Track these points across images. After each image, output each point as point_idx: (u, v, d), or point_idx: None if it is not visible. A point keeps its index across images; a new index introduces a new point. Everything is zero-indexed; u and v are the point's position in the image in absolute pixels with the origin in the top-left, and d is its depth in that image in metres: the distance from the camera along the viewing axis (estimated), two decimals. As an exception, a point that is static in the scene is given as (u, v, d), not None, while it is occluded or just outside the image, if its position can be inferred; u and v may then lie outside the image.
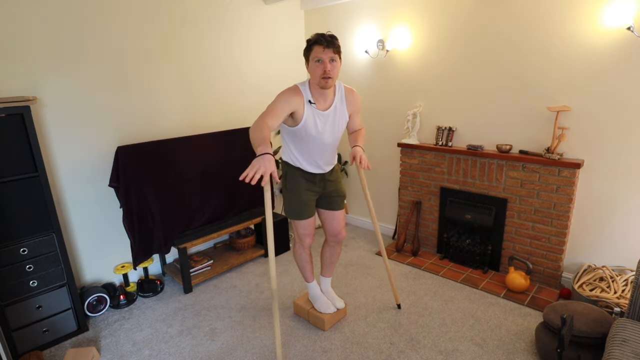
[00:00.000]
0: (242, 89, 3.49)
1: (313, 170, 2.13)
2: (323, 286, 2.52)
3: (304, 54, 1.95)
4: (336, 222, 2.31)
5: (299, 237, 2.28)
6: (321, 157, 2.11)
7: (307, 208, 2.18)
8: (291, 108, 1.90)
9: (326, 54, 1.85)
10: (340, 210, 2.31)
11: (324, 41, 1.85)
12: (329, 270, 2.49)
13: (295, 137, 2.04)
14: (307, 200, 2.17)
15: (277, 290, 1.91)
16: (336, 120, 2.06)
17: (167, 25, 2.89)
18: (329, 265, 2.47)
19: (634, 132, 2.34)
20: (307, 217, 2.20)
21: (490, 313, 2.52)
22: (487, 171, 2.91)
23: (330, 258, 2.44)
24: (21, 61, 2.28)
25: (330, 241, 2.38)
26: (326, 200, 2.26)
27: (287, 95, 1.91)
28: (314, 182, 2.16)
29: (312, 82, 1.96)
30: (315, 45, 1.87)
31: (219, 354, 2.23)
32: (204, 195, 3.05)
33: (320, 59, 1.86)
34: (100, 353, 2.28)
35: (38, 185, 2.16)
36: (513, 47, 2.68)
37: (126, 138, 2.78)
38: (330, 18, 3.72)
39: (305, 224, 2.21)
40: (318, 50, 1.86)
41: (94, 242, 2.76)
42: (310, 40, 1.90)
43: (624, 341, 1.60)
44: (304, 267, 2.41)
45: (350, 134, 2.27)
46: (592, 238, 2.63)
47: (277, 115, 1.84)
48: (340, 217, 2.31)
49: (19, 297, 2.19)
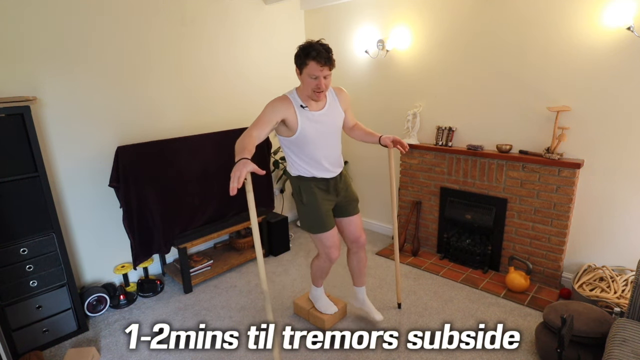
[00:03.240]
0: (242, 89, 3.49)
1: (324, 175, 2.07)
2: (359, 296, 2.44)
3: (296, 61, 1.86)
4: (354, 227, 2.25)
5: (326, 251, 2.17)
6: (327, 159, 2.06)
7: (329, 218, 2.11)
8: (279, 116, 1.86)
9: (323, 72, 1.80)
10: (357, 215, 2.26)
11: (322, 59, 1.77)
12: (360, 279, 2.40)
13: (297, 147, 2.00)
14: (327, 210, 2.10)
15: (268, 291, 1.83)
16: (332, 117, 2.04)
17: (167, 25, 2.89)
18: (359, 274, 2.38)
19: (634, 132, 2.34)
20: (330, 227, 2.12)
21: (490, 313, 2.52)
22: (487, 171, 2.91)
23: (358, 266, 2.35)
24: (21, 61, 2.28)
25: (353, 248, 2.31)
26: (341, 207, 2.20)
27: (273, 104, 1.88)
28: (328, 190, 2.10)
29: (301, 90, 1.93)
30: (311, 61, 1.78)
31: (219, 354, 2.23)
32: (204, 195, 3.05)
33: (317, 76, 1.82)
34: (100, 353, 2.28)
35: (38, 185, 2.16)
36: (513, 47, 2.68)
37: (126, 138, 2.78)
38: (330, 18, 3.71)
39: (330, 235, 2.13)
40: (314, 67, 1.78)
41: (94, 242, 2.76)
42: (305, 51, 1.80)
43: (624, 341, 1.60)
44: (320, 276, 2.36)
45: (355, 131, 2.28)
46: (592, 238, 2.63)
47: (263, 125, 1.81)
48: (358, 221, 2.26)
49: (19, 297, 2.19)
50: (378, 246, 3.58)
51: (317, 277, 2.38)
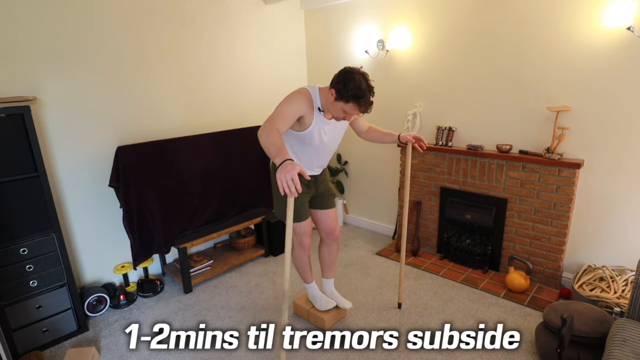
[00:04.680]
0: (242, 89, 3.49)
1: (310, 172, 2.13)
2: (327, 288, 2.50)
3: (338, 88, 1.78)
4: (330, 220, 2.34)
5: (298, 238, 2.28)
6: (319, 161, 2.15)
7: (304, 209, 2.21)
8: (301, 112, 1.87)
9: (358, 114, 1.87)
10: (333, 208, 2.35)
11: (365, 108, 1.82)
12: (330, 270, 2.48)
13: (300, 141, 2.03)
14: (304, 201, 2.19)
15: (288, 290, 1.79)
16: (338, 127, 2.09)
17: (167, 25, 2.89)
18: (329, 265, 2.46)
19: (634, 132, 2.34)
20: (305, 218, 2.22)
21: (490, 313, 2.52)
22: (487, 171, 2.91)
23: (329, 257, 2.44)
24: (21, 61, 2.28)
25: (327, 239, 2.40)
26: (319, 200, 2.29)
27: (299, 99, 1.85)
28: (307, 184, 2.18)
29: (324, 97, 1.90)
30: (355, 104, 1.79)
31: (219, 354, 2.23)
32: (204, 195, 3.05)
33: (350, 114, 1.86)
34: (100, 353, 2.28)
35: (38, 185, 2.16)
36: (513, 47, 2.68)
37: (126, 138, 2.77)
38: (330, 18, 3.71)
39: (304, 224, 2.23)
40: (354, 109, 1.82)
41: (94, 242, 2.76)
42: (355, 93, 1.76)
43: (624, 341, 1.60)
44: (304, 269, 2.41)
45: (370, 133, 2.34)
46: (592, 238, 2.63)
47: (288, 120, 1.77)
48: (334, 214, 2.36)
49: (19, 297, 2.19)
50: (378, 246, 3.58)
51: (302, 271, 2.42)
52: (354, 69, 1.82)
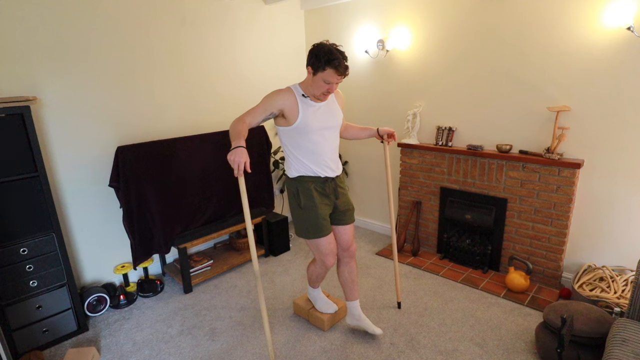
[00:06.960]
0: (242, 89, 3.49)
1: (324, 173, 2.04)
2: (355, 311, 2.30)
3: (312, 63, 1.87)
4: (347, 236, 2.21)
5: (322, 257, 2.13)
6: (328, 154, 2.04)
7: (326, 222, 2.08)
8: (275, 106, 1.90)
9: (338, 79, 1.88)
10: (352, 224, 2.23)
11: (342, 69, 1.85)
12: (353, 292, 2.28)
13: (300, 138, 1.97)
14: (325, 214, 2.07)
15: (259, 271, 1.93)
16: (331, 111, 2.05)
17: (167, 25, 2.89)
18: (351, 285, 2.27)
19: (634, 132, 2.34)
20: (327, 232, 2.08)
21: (490, 313, 2.52)
22: (487, 171, 2.91)
23: (350, 277, 2.26)
24: (21, 61, 2.28)
25: (344, 257, 2.24)
26: (338, 215, 2.17)
27: (272, 95, 1.93)
28: (326, 194, 2.07)
29: (305, 84, 1.96)
30: (332, 69, 1.83)
31: (219, 354, 2.23)
32: (204, 195, 3.05)
33: (331, 82, 1.87)
34: (100, 353, 2.28)
35: (38, 185, 2.16)
36: (513, 47, 2.68)
37: (126, 138, 2.78)
38: (330, 18, 3.72)
39: (327, 241, 2.09)
40: (332, 75, 1.85)
41: (94, 242, 2.76)
42: (327, 58, 1.82)
43: (624, 341, 1.60)
44: (316, 280, 2.35)
45: (348, 130, 2.33)
46: (592, 238, 2.63)
47: (257, 113, 1.88)
48: (351, 230, 2.24)
49: (19, 297, 2.19)
50: (378, 246, 3.58)
51: (313, 280, 2.38)
52: (321, 42, 1.91)
